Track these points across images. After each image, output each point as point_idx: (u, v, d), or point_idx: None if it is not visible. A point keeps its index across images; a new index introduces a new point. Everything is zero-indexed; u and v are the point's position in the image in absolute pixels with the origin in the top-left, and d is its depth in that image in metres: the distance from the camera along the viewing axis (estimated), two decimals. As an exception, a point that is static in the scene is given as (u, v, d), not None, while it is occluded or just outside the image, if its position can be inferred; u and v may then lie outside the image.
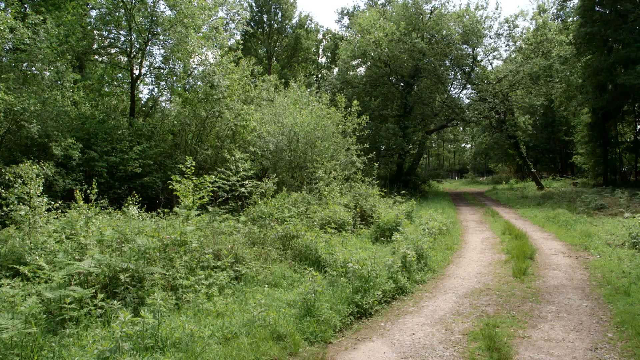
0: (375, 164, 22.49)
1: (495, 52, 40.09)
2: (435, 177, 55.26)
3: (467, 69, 38.47)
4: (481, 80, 38.45)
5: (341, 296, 8.24)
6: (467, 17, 35.87)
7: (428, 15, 37.13)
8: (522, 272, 10.60)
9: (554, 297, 8.89)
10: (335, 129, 21.22)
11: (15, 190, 9.44)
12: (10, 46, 15.59)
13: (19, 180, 9.60)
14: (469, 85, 39.86)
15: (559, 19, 35.07)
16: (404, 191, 24.87)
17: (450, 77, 39.09)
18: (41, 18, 16.13)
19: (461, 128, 65.03)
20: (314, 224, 13.50)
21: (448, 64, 37.78)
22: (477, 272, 11.23)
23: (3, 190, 9.51)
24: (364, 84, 38.35)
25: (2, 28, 14.11)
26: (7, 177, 10.09)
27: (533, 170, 42.54)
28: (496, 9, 38.49)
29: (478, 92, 37.91)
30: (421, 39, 35.20)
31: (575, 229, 16.76)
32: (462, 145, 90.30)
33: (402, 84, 38.60)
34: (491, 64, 41.50)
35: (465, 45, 36.80)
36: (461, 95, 41.62)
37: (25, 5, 19.76)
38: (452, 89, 40.61)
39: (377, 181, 21.71)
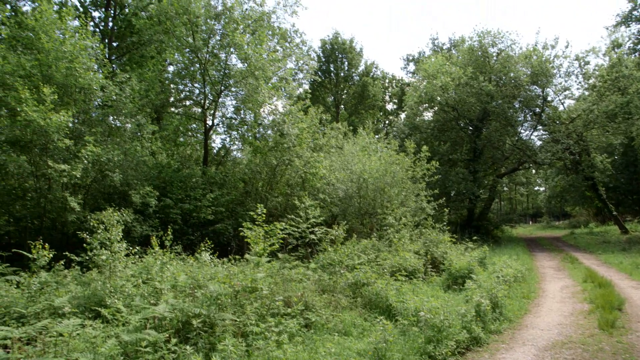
0: (445, 209, 22.06)
1: (567, 92, 38.83)
2: (507, 221, 53.39)
3: (538, 109, 37.49)
4: (553, 121, 37.27)
5: (413, 346, 8.01)
6: (535, 57, 35.18)
7: (495, 58, 36.79)
8: (609, 325, 9.87)
9: (652, 355, 8.16)
10: (404, 175, 21.10)
11: (99, 236, 9.97)
12: (99, 102, 16.84)
13: (101, 227, 10.16)
14: (540, 127, 38.73)
15: (636, 53, 33.66)
16: (475, 237, 24.14)
17: (520, 119, 38.19)
18: (127, 76, 17.40)
19: (534, 171, 62.76)
20: (384, 271, 13.30)
21: (517, 105, 36.98)
22: (557, 322, 10.61)
23: (87, 236, 10.07)
24: (432, 128, 38.13)
25: (95, 88, 15.37)
26: (91, 224, 10.70)
27: (615, 213, 40.21)
28: (566, 47, 37.31)
29: (550, 133, 36.71)
30: (488, 81, 34.80)
31: (672, 277, 15.55)
32: (535, 188, 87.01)
33: (470, 128, 38.09)
34: (563, 103, 40.20)
35: (534, 86, 35.98)
36: (532, 137, 40.43)
37: (114, 66, 21.29)
38: (522, 130, 39.60)
39: (448, 227, 21.25)
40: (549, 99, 38.19)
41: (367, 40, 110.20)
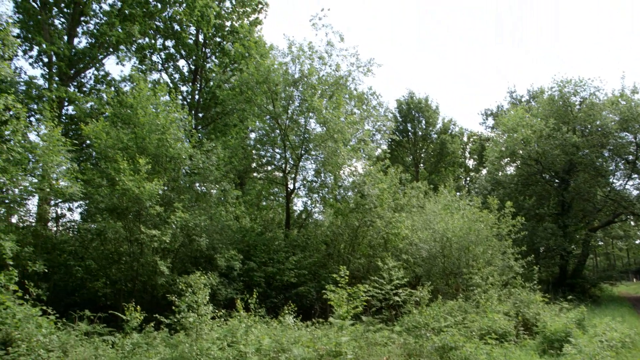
0: (534, 267, 20.92)
1: (664, 135, 36.23)
2: (606, 279, 49.43)
3: (631, 157, 35.28)
4: (650, 168, 34.82)
5: (510, 416, 7.46)
6: (623, 102, 33.49)
7: (577, 107, 35.43)
8: None
9: None
10: (489, 232, 20.39)
11: (186, 299, 10.28)
12: (187, 170, 17.82)
13: (189, 290, 10.49)
14: (636, 175, 36.29)
15: None
16: (570, 296, 22.55)
17: (611, 168, 36.01)
18: (213, 145, 18.39)
19: (632, 223, 58.52)
20: (473, 334, 12.70)
21: (607, 154, 35.01)
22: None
23: (176, 299, 10.42)
24: (515, 183, 36.88)
25: (184, 157, 16.37)
26: (179, 287, 11.09)
27: None
28: (659, 87, 34.85)
29: (648, 181, 34.30)
30: (573, 132, 33.41)
31: None
32: (637, 242, 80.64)
33: (556, 181, 36.45)
34: (661, 148, 37.55)
35: (624, 133, 34.00)
36: (627, 186, 37.86)
37: (199, 135, 22.61)
38: (614, 180, 37.22)
39: (539, 286, 20.06)
40: (643, 144, 35.90)
41: (442, 97, 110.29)
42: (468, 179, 59.47)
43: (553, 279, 34.37)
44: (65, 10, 23.42)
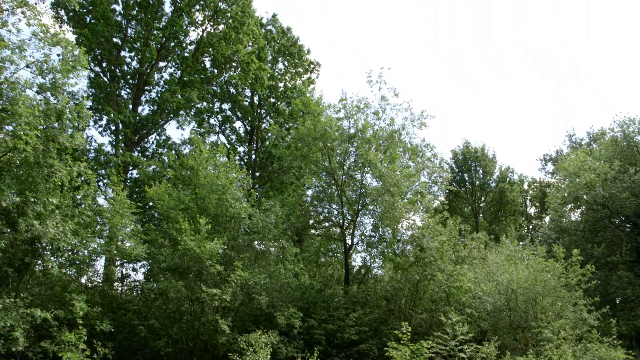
0: (612, 319, 19.60)
1: None
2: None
3: None
4: None
5: None
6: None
7: (644, 146, 33.90)
8: None
9: None
10: (556, 282, 19.43)
11: (248, 358, 10.24)
12: (246, 229, 18.14)
13: (250, 349, 10.46)
14: None
15: None
16: (660, 354, 20.85)
17: (692, 208, 33.86)
18: (271, 204, 18.73)
19: None
20: (548, 393, 11.91)
21: (684, 194, 33.02)
22: None
23: (238, 358, 10.39)
24: (581, 230, 35.21)
25: (243, 216, 16.75)
26: (240, 345, 11.08)
27: None
28: None
29: None
30: (641, 173, 31.87)
31: None
32: None
33: (627, 225, 34.54)
34: None
35: (700, 170, 32.09)
36: None
37: (257, 194, 23.13)
38: (696, 221, 34.89)
39: (619, 341, 18.71)
40: None
41: (498, 143, 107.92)
42: (530, 227, 57.46)
43: (636, 333, 32.05)
44: (130, 81, 25.09)
